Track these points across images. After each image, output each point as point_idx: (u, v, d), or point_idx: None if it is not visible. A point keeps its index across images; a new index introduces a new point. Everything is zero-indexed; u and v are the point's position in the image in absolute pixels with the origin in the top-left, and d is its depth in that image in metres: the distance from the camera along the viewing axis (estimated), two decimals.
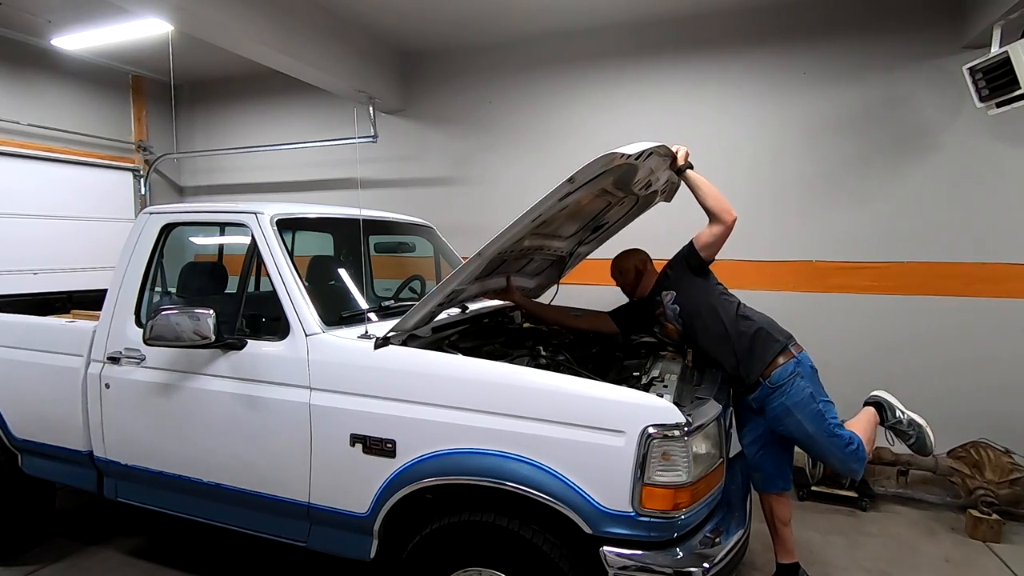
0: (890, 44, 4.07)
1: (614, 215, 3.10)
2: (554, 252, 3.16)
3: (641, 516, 1.81)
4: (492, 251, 2.12)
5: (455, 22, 4.74)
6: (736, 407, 2.74)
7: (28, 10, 4.66)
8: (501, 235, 2.09)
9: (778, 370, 2.48)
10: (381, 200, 5.62)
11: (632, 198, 2.88)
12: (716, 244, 2.60)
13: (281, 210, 2.61)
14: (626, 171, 2.29)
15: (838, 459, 2.49)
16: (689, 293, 2.66)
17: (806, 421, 2.44)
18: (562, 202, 2.13)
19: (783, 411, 2.47)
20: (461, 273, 2.18)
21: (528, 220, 2.07)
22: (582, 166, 1.97)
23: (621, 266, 2.95)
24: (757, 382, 2.52)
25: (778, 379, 2.47)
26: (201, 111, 6.72)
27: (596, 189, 2.35)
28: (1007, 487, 3.54)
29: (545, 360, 2.31)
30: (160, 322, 2.28)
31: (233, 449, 2.37)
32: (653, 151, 2.20)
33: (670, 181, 2.94)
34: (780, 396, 2.46)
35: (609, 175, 2.19)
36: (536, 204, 2.03)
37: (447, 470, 1.99)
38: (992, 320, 3.92)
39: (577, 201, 2.39)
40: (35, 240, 5.42)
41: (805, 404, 2.44)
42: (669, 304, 2.69)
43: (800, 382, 2.46)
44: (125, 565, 3.07)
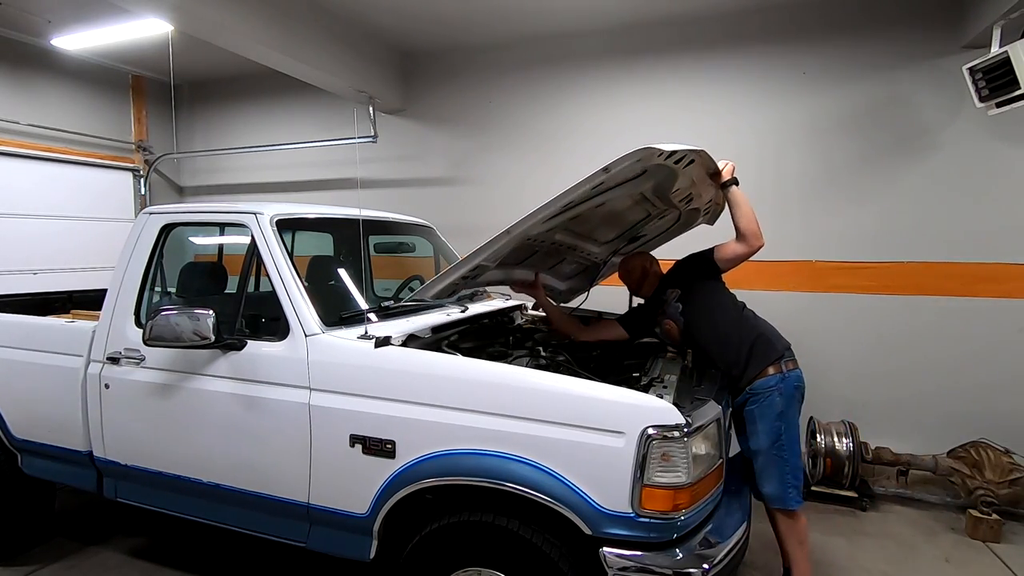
0: (890, 44, 4.07)
1: (653, 228, 3.11)
2: (588, 257, 3.17)
3: (641, 517, 1.81)
4: (520, 230, 2.12)
5: (455, 22, 4.73)
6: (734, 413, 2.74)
7: (28, 10, 4.66)
8: (531, 215, 2.09)
9: (761, 380, 2.51)
10: (381, 200, 5.62)
11: (673, 213, 2.90)
12: (735, 262, 2.64)
13: (281, 210, 2.61)
14: (666, 176, 2.28)
15: (775, 481, 2.50)
16: (695, 292, 2.69)
17: (764, 435, 2.49)
18: (597, 195, 2.13)
19: (751, 420, 2.53)
20: (488, 248, 2.17)
21: (559, 204, 2.06)
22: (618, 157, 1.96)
23: (628, 265, 2.97)
24: (743, 390, 2.57)
25: (758, 388, 2.51)
26: (201, 111, 6.72)
27: (635, 193, 2.35)
28: (1007, 487, 3.54)
29: (545, 360, 2.31)
30: (160, 322, 2.28)
31: (233, 449, 2.37)
32: (693, 158, 2.19)
33: (714, 201, 2.97)
34: (752, 404, 2.52)
35: (648, 178, 2.18)
36: (569, 189, 2.03)
37: (447, 471, 1.99)
38: (992, 320, 3.92)
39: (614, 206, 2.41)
40: (35, 240, 5.42)
41: (769, 419, 2.48)
42: (672, 301, 2.71)
43: (775, 398, 2.49)
44: (125, 565, 3.07)
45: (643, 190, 2.39)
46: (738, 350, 2.55)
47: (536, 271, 3.04)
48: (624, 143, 4.78)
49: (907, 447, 3.95)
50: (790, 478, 2.50)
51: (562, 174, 4.98)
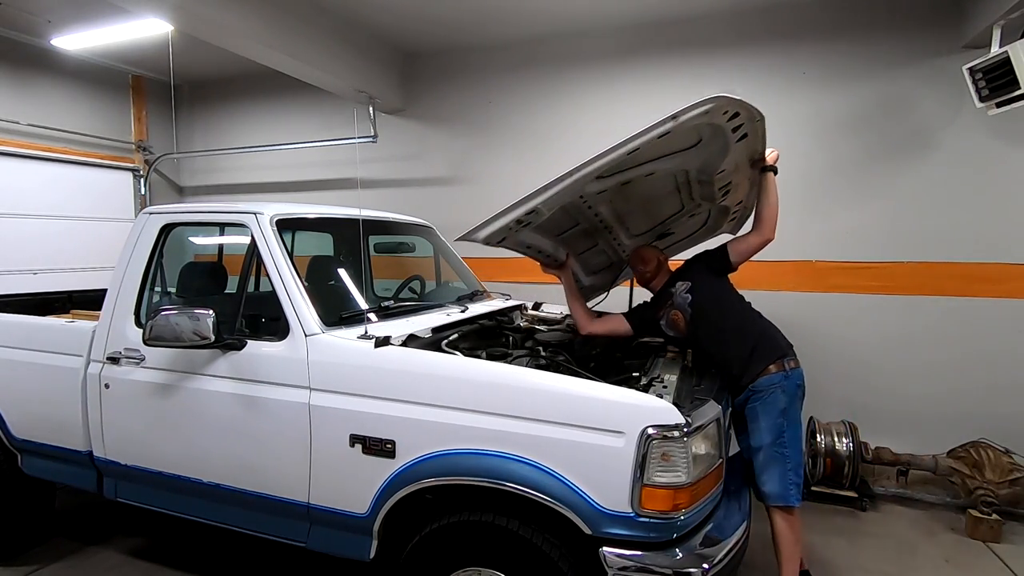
0: (890, 44, 4.07)
1: (682, 228, 3.14)
2: (617, 249, 3.21)
3: (641, 517, 1.81)
4: (580, 174, 2.12)
5: (455, 22, 4.73)
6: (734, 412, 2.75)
7: (28, 10, 4.66)
8: (594, 158, 2.08)
9: (765, 377, 2.52)
10: (381, 200, 5.61)
11: (703, 213, 2.95)
12: (749, 254, 2.69)
13: (281, 210, 2.61)
14: (716, 152, 2.31)
15: (776, 478, 2.49)
16: (705, 287, 2.71)
17: (766, 431, 2.48)
18: (654, 159, 2.17)
19: (752, 416, 2.53)
20: (547, 190, 2.17)
21: (623, 150, 2.05)
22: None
23: (644, 255, 2.95)
24: (744, 388, 2.57)
25: (761, 386, 2.51)
26: (201, 111, 6.72)
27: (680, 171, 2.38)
28: (1007, 487, 3.54)
29: (545, 360, 2.31)
30: (160, 322, 2.28)
31: (233, 449, 2.37)
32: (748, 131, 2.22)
33: (744, 204, 3.00)
34: (755, 401, 2.52)
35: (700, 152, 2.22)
36: (635, 134, 2.02)
37: (447, 470, 1.99)
38: (992, 320, 3.92)
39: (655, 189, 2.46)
40: (35, 240, 5.43)
41: (771, 415, 2.49)
42: (682, 293, 2.72)
43: (778, 395, 2.49)
44: (125, 565, 3.07)
45: (690, 168, 2.40)
46: (743, 345, 2.55)
47: (568, 252, 3.05)
48: None
49: (907, 447, 3.95)
50: (792, 475, 2.50)
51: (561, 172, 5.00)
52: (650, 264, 2.91)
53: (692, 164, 2.37)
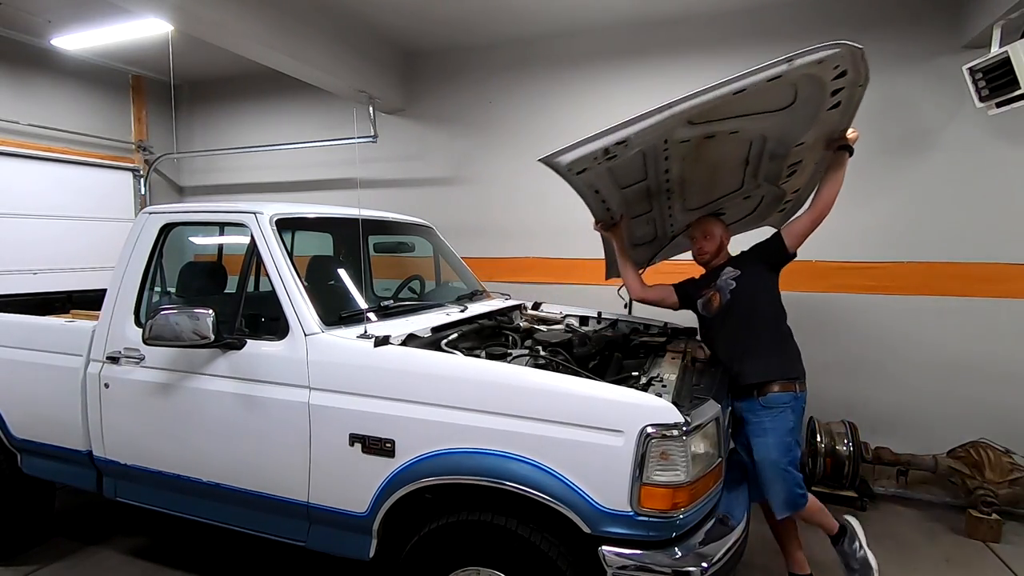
0: (890, 44, 4.07)
1: (733, 210, 3.13)
2: (667, 221, 3.20)
3: (640, 516, 1.81)
4: (680, 107, 2.07)
5: (455, 22, 4.74)
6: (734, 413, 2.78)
7: (28, 10, 4.67)
8: (695, 94, 2.04)
9: (776, 395, 2.56)
10: (381, 200, 5.62)
11: (758, 197, 2.97)
12: (805, 234, 2.70)
13: (280, 210, 2.61)
14: (803, 119, 2.33)
15: (783, 492, 2.53)
16: (751, 280, 2.71)
17: (775, 448, 2.52)
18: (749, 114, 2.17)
19: (760, 431, 2.57)
20: (643, 120, 2.14)
21: (728, 88, 2.03)
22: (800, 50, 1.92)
23: (710, 229, 2.90)
24: (751, 392, 2.61)
25: (772, 402, 2.56)
26: (201, 111, 6.73)
27: (759, 138, 2.39)
28: (1007, 487, 3.54)
29: (544, 360, 2.31)
30: (159, 322, 2.28)
31: (232, 449, 2.38)
32: (841, 99, 2.23)
33: (801, 192, 3.01)
34: (764, 416, 2.56)
35: (787, 117, 2.24)
36: (743, 72, 1.99)
37: (446, 470, 1.99)
38: (992, 320, 3.92)
39: (724, 154, 2.47)
40: (35, 240, 5.43)
41: (782, 434, 2.53)
42: (727, 278, 2.73)
43: (789, 414, 2.56)
44: (125, 565, 3.07)
45: (770, 136, 2.41)
46: (768, 349, 2.61)
47: (623, 213, 3.03)
48: None
49: (907, 447, 3.95)
50: (796, 488, 2.54)
51: None
52: (713, 240, 2.88)
53: (774, 131, 2.36)
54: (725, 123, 2.33)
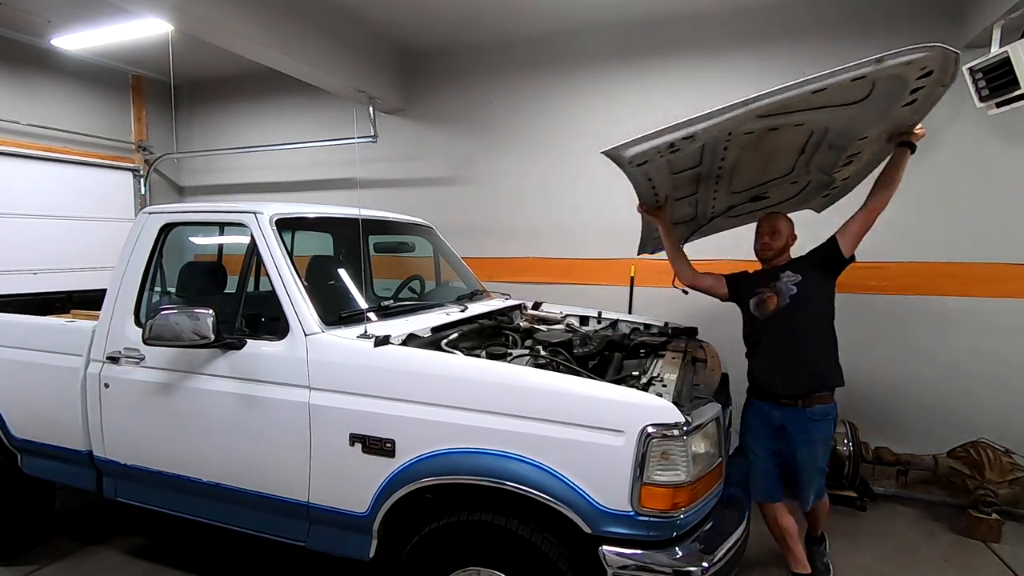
0: (890, 44, 4.01)
1: (776, 194, 3.08)
2: (709, 203, 3.17)
3: (640, 515, 1.81)
4: (756, 105, 2.05)
5: (455, 21, 4.74)
6: (751, 416, 2.83)
7: (28, 10, 4.66)
8: (771, 92, 2.02)
9: (823, 406, 2.65)
10: (381, 200, 5.62)
11: (804, 182, 2.94)
12: (861, 236, 2.71)
13: (281, 210, 2.61)
14: (873, 115, 2.29)
15: (815, 492, 2.76)
16: (814, 288, 2.70)
17: (821, 457, 2.69)
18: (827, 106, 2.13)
19: (808, 440, 2.66)
20: (715, 116, 2.12)
21: (808, 88, 2.01)
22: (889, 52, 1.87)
23: (778, 227, 2.86)
24: (794, 401, 2.66)
25: (819, 413, 2.64)
26: (201, 111, 6.73)
27: (821, 128, 2.37)
28: (1007, 487, 3.53)
29: (544, 360, 2.31)
30: (159, 322, 2.28)
31: (232, 449, 2.37)
32: (915, 97, 2.19)
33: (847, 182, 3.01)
34: (813, 427, 2.64)
35: (858, 111, 2.19)
36: (827, 72, 1.96)
37: (446, 470, 1.99)
38: (992, 320, 3.92)
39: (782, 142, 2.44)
40: (35, 240, 5.43)
41: (826, 441, 2.69)
42: (788, 282, 2.71)
43: (832, 425, 2.69)
44: (125, 565, 3.07)
45: (834, 127, 2.38)
46: (819, 360, 2.67)
47: (668, 195, 2.97)
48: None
49: (907, 447, 3.95)
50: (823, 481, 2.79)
51: (562, 173, 5.01)
52: (781, 239, 2.84)
53: (840, 124, 2.31)
54: (793, 115, 2.30)
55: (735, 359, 3.22)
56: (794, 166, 2.83)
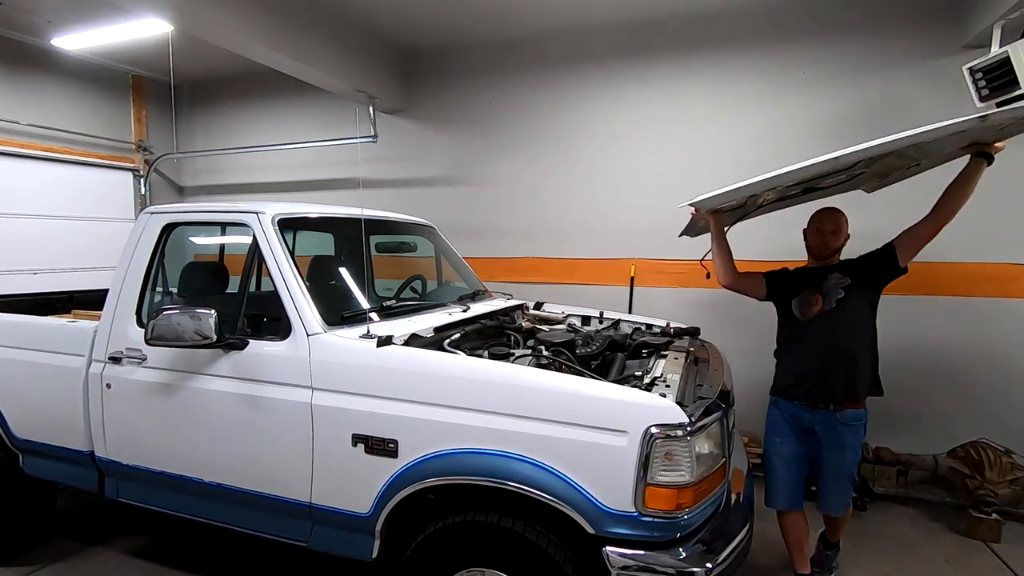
0: (890, 44, 4.07)
1: (830, 181, 2.94)
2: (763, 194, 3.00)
3: (644, 516, 1.81)
4: (846, 159, 2.03)
5: (455, 22, 4.74)
6: (778, 417, 2.80)
7: (28, 10, 4.66)
8: (876, 146, 1.97)
9: (854, 411, 2.62)
10: (381, 200, 5.62)
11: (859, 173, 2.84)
12: (922, 246, 2.63)
13: (282, 210, 2.61)
14: (953, 141, 2.24)
15: (844, 496, 2.73)
16: (862, 293, 2.64)
17: (849, 463, 2.66)
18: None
19: (838, 444, 2.63)
20: (796, 174, 2.13)
21: (908, 142, 1.97)
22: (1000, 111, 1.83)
23: (840, 224, 2.77)
24: (826, 405, 2.63)
25: (851, 418, 2.62)
26: (201, 111, 6.72)
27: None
28: (1007, 487, 3.54)
29: (547, 360, 2.31)
30: (161, 322, 2.27)
31: (235, 449, 2.37)
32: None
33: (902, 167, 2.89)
34: (843, 431, 2.62)
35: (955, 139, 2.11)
36: (927, 130, 1.91)
37: (449, 470, 1.99)
38: (992, 320, 3.93)
39: None
40: (35, 240, 5.42)
41: (856, 449, 2.66)
42: (836, 285, 2.65)
43: (862, 431, 2.65)
44: (126, 565, 3.07)
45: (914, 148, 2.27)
46: (859, 369, 2.60)
47: None
48: (624, 142, 4.78)
49: (907, 447, 3.95)
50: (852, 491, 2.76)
51: (562, 173, 5.01)
52: (839, 238, 2.76)
53: (918, 149, 2.23)
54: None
55: (736, 358, 3.23)
56: (855, 164, 2.66)
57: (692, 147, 4.61)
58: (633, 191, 4.78)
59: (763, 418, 4.59)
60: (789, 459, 2.75)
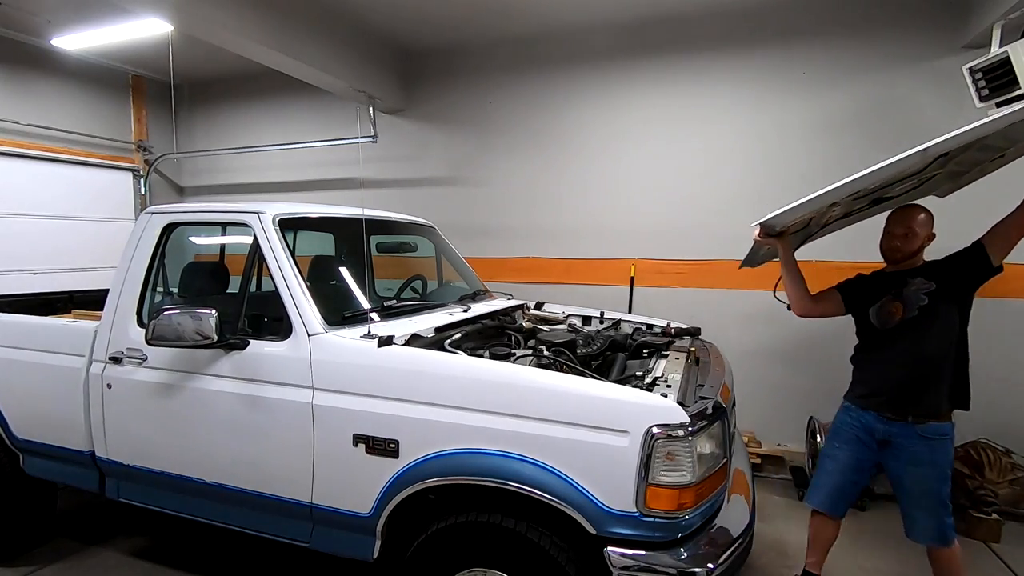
0: (890, 44, 4.08)
1: (900, 188, 2.74)
2: (828, 210, 2.80)
3: (645, 516, 1.81)
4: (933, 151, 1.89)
5: (455, 22, 4.74)
6: (847, 424, 2.64)
7: (28, 10, 4.66)
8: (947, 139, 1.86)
9: (937, 424, 2.39)
10: (381, 200, 5.62)
11: (931, 175, 2.64)
12: (1016, 242, 2.36)
13: (283, 210, 2.61)
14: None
15: (936, 522, 2.42)
16: (950, 295, 2.39)
17: (934, 481, 2.40)
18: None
19: (915, 459, 2.41)
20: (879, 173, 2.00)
21: (970, 138, 1.86)
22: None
23: (915, 226, 2.51)
24: (904, 416, 2.43)
25: (932, 432, 2.39)
26: (201, 111, 6.72)
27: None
28: (1007, 487, 3.55)
29: (548, 360, 2.31)
30: (162, 322, 2.27)
31: (235, 449, 2.37)
32: None
33: (982, 167, 2.70)
34: (922, 446, 2.40)
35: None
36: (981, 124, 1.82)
37: (450, 470, 1.99)
38: (992, 320, 3.92)
39: None
40: (35, 240, 5.42)
41: (944, 466, 2.40)
42: (919, 291, 2.42)
43: (949, 445, 2.41)
44: (126, 565, 3.06)
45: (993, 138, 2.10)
46: (944, 381, 2.39)
47: None
48: (624, 141, 4.78)
49: None
50: (948, 518, 2.42)
51: (562, 173, 5.01)
52: (915, 240, 2.51)
53: (1000, 134, 2.06)
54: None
55: (737, 358, 3.23)
56: (928, 164, 2.47)
57: (692, 147, 4.62)
58: (633, 191, 4.78)
59: (763, 418, 4.62)
60: (844, 467, 2.60)
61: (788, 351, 4.37)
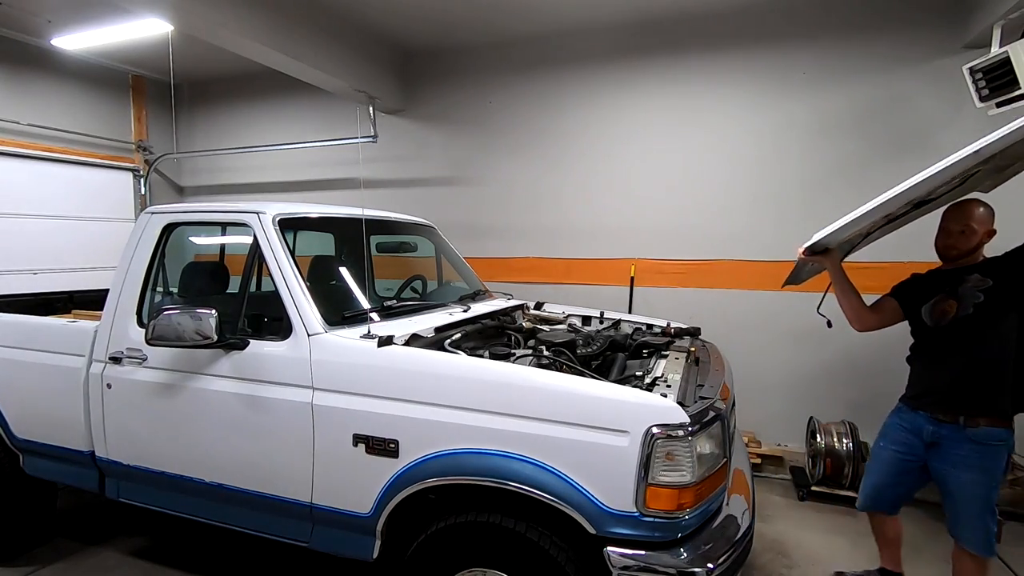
0: (890, 44, 4.08)
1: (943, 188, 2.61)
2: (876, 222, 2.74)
3: (645, 516, 1.81)
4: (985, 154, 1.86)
5: (455, 22, 4.74)
6: (896, 425, 2.63)
7: (28, 10, 4.66)
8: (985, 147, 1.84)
9: (990, 429, 2.30)
10: (381, 200, 5.62)
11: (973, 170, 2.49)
12: None
13: (283, 210, 2.61)
14: None
15: (983, 530, 2.36)
16: (1008, 292, 2.28)
17: (981, 487, 2.33)
18: None
19: (963, 463, 2.35)
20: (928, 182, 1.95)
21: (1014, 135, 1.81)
22: None
23: (972, 223, 2.43)
24: (955, 418, 2.36)
25: (983, 436, 2.31)
26: (201, 111, 6.72)
27: None
28: (1007, 487, 3.54)
29: (548, 360, 2.31)
30: (162, 322, 2.27)
31: (235, 449, 2.37)
32: None
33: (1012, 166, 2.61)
34: (972, 450, 2.33)
35: None
36: None
37: (450, 470, 1.99)
38: None
39: None
40: (35, 240, 5.43)
41: (995, 472, 2.32)
42: (974, 289, 2.34)
43: (1003, 451, 2.32)
44: (126, 565, 3.06)
45: None
46: (998, 381, 2.30)
47: None
48: (624, 142, 4.78)
49: None
50: (994, 528, 2.39)
51: (562, 173, 5.01)
52: (972, 237, 2.42)
53: None
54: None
55: (737, 358, 3.23)
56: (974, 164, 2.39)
57: (692, 147, 4.62)
58: (633, 191, 4.78)
59: (763, 418, 4.62)
60: (886, 465, 2.60)
61: (788, 351, 4.37)
